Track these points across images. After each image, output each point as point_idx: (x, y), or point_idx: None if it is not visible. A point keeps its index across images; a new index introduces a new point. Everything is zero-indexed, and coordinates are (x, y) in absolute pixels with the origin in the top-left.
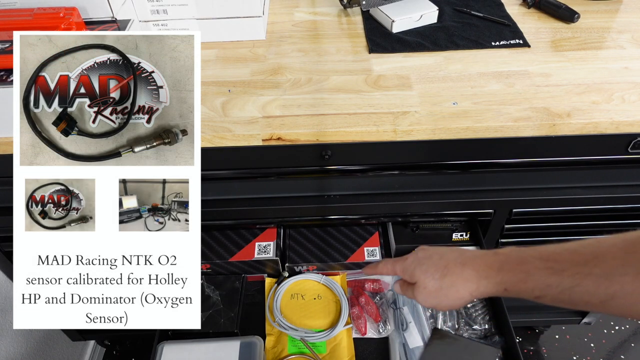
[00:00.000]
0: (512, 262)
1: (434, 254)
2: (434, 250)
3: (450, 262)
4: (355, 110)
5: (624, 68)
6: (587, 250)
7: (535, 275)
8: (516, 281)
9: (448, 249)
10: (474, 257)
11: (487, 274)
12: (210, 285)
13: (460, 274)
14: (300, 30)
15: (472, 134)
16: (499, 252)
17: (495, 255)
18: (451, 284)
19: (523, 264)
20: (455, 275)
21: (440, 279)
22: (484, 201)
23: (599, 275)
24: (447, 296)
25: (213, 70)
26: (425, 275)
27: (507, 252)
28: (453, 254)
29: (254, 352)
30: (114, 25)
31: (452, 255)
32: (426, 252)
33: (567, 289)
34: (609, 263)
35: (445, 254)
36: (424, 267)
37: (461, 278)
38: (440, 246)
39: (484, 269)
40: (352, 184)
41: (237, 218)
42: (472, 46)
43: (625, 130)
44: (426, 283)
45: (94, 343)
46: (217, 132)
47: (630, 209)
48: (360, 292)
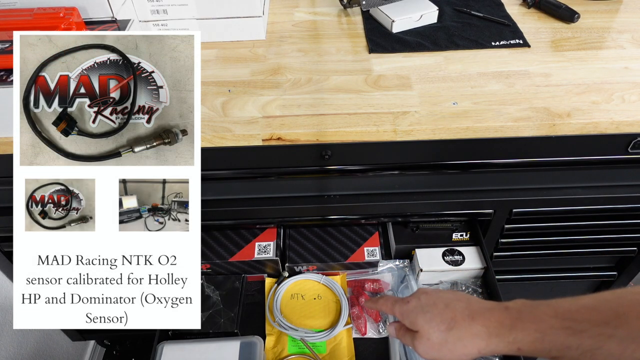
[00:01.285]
0: (525, 320)
1: (439, 301)
2: (437, 297)
3: (457, 313)
4: (355, 110)
5: (624, 68)
6: (606, 307)
7: (552, 335)
8: (531, 341)
9: (454, 297)
10: (482, 310)
11: (498, 332)
12: (210, 285)
13: (469, 328)
14: (300, 30)
15: (472, 134)
16: (509, 306)
17: (506, 310)
18: (458, 338)
19: (537, 322)
20: (462, 329)
21: (445, 332)
22: (484, 201)
23: (624, 338)
24: (452, 351)
25: (213, 70)
26: (429, 325)
27: (518, 307)
28: (460, 303)
29: (254, 352)
30: (114, 25)
31: (459, 306)
32: (430, 298)
33: (588, 351)
34: (633, 324)
35: (451, 303)
36: (427, 316)
37: (469, 333)
38: (443, 291)
39: (495, 326)
40: (352, 184)
41: (237, 218)
42: (472, 46)
43: (625, 130)
44: (430, 334)
45: (94, 343)
46: (217, 132)
47: (630, 209)
48: (360, 292)
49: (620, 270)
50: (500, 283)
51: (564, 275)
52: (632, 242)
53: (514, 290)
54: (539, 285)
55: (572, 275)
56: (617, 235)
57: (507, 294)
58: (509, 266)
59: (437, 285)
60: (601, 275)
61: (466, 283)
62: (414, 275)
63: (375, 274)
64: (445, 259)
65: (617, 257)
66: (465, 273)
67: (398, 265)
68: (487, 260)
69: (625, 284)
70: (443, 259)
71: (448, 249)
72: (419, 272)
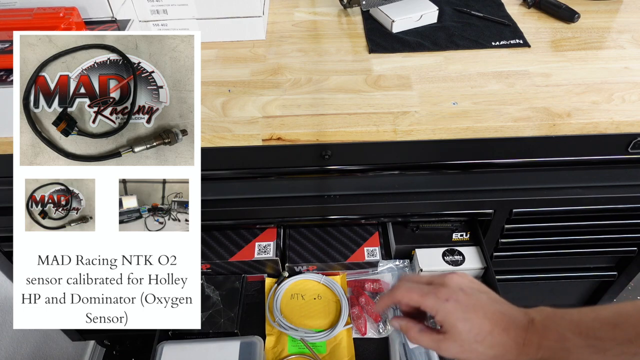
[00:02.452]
0: (551, 339)
1: (479, 307)
2: (477, 300)
3: (495, 326)
4: (355, 110)
5: (624, 68)
6: (629, 324)
7: (576, 353)
8: (556, 359)
9: (490, 303)
10: (513, 323)
11: (527, 350)
12: (210, 285)
13: (502, 341)
14: (300, 30)
15: (472, 134)
16: (535, 320)
17: (532, 325)
18: (490, 346)
19: (562, 341)
20: (496, 341)
21: (481, 342)
22: (484, 201)
23: None
24: (480, 355)
25: (213, 70)
26: (467, 335)
27: (543, 321)
28: (495, 312)
29: (254, 352)
30: (114, 25)
31: (495, 316)
32: (470, 300)
33: None
34: None
35: (489, 311)
36: (467, 325)
37: (502, 346)
38: (480, 291)
39: (525, 343)
40: (352, 184)
41: (237, 218)
42: (472, 46)
43: (625, 130)
44: (464, 341)
45: (94, 343)
46: (217, 132)
47: (630, 209)
48: (360, 292)
49: (620, 270)
50: (500, 283)
51: (564, 275)
52: (632, 242)
53: (514, 290)
54: (539, 285)
55: (572, 275)
56: (617, 235)
57: (507, 294)
58: (509, 266)
59: None
60: (601, 275)
61: None
62: None
63: (375, 274)
64: (445, 259)
65: (617, 257)
66: (465, 273)
67: (398, 265)
68: (487, 260)
69: (625, 284)
70: (443, 259)
71: (448, 249)
72: (419, 272)
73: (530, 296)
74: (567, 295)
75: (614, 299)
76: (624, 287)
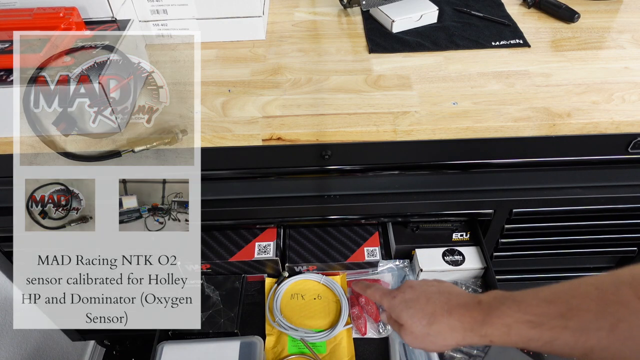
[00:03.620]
0: (493, 316)
1: (422, 296)
2: (421, 291)
3: (437, 309)
4: (355, 110)
5: (624, 68)
6: (561, 300)
7: (516, 329)
8: (499, 334)
9: (436, 290)
10: (459, 306)
11: (471, 327)
12: (210, 285)
13: (447, 323)
14: (300, 30)
15: (472, 134)
16: (482, 301)
17: (479, 306)
18: (438, 332)
19: (504, 317)
20: (442, 324)
21: (427, 326)
22: (484, 201)
23: (575, 329)
24: (434, 343)
25: (213, 70)
26: (412, 321)
27: (490, 302)
28: (440, 298)
29: (254, 352)
30: (114, 25)
31: (439, 301)
32: (414, 293)
33: (547, 343)
34: (583, 317)
35: (432, 298)
36: (410, 312)
37: (447, 327)
38: (427, 284)
39: (469, 321)
40: (352, 184)
41: (237, 218)
42: (472, 46)
43: (625, 130)
44: (413, 328)
45: (94, 343)
46: (217, 132)
47: (630, 209)
48: None
49: None
50: (500, 283)
51: (564, 275)
52: (632, 242)
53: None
54: (539, 285)
55: (572, 275)
56: (617, 235)
57: None
58: (509, 266)
59: None
60: None
61: (466, 283)
62: (414, 275)
63: (375, 274)
64: (445, 259)
65: (617, 257)
66: (465, 273)
67: (398, 265)
68: (487, 260)
69: None
70: (443, 259)
71: (448, 249)
72: (419, 272)
73: None
74: None
75: None
76: None
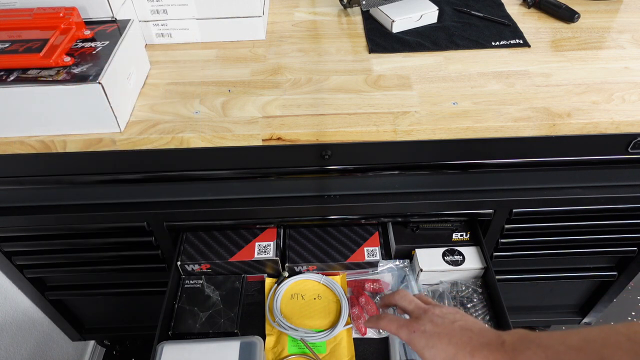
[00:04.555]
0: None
1: (442, 333)
2: (443, 327)
3: (459, 350)
4: (355, 110)
5: (624, 68)
6: (592, 349)
7: None
8: None
9: (457, 327)
10: (482, 345)
11: None
12: (210, 285)
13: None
14: (300, 30)
15: (472, 134)
16: (506, 342)
17: (502, 347)
18: None
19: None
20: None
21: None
22: (484, 201)
23: None
24: None
25: (213, 70)
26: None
27: (514, 343)
28: (463, 337)
29: (254, 352)
30: (114, 25)
31: (461, 341)
32: (434, 327)
33: None
34: None
35: (454, 337)
36: (432, 352)
37: None
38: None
39: None
40: (352, 184)
41: (237, 218)
42: (472, 46)
43: (626, 130)
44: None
45: (93, 343)
46: (217, 132)
47: (630, 209)
48: (360, 292)
49: (620, 270)
50: (500, 283)
51: (564, 275)
52: (632, 242)
53: (514, 290)
54: (539, 285)
55: (572, 275)
56: (617, 235)
57: (507, 294)
58: (509, 266)
59: (437, 285)
60: (601, 275)
61: (466, 283)
62: (414, 275)
63: (375, 274)
64: (445, 259)
65: (617, 257)
66: (465, 273)
67: (398, 265)
68: (487, 260)
69: (625, 284)
70: (443, 259)
71: (448, 249)
72: (419, 272)
73: (530, 296)
74: (567, 295)
75: (614, 299)
76: (624, 287)
